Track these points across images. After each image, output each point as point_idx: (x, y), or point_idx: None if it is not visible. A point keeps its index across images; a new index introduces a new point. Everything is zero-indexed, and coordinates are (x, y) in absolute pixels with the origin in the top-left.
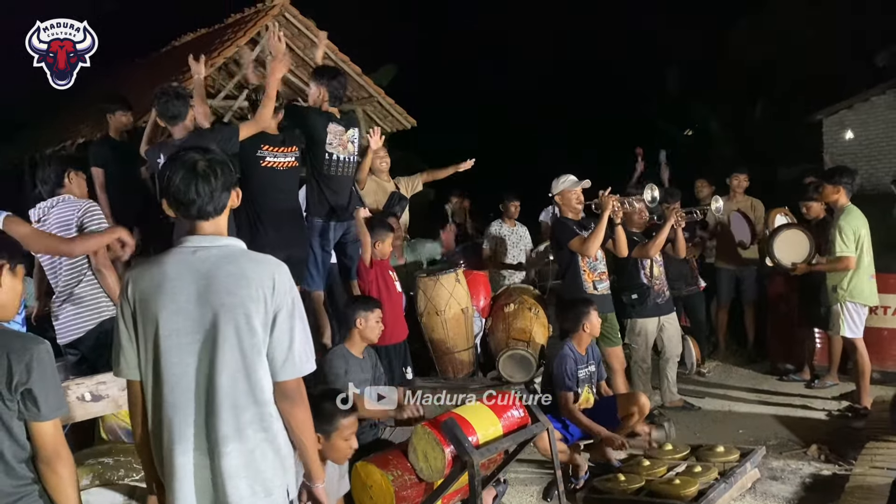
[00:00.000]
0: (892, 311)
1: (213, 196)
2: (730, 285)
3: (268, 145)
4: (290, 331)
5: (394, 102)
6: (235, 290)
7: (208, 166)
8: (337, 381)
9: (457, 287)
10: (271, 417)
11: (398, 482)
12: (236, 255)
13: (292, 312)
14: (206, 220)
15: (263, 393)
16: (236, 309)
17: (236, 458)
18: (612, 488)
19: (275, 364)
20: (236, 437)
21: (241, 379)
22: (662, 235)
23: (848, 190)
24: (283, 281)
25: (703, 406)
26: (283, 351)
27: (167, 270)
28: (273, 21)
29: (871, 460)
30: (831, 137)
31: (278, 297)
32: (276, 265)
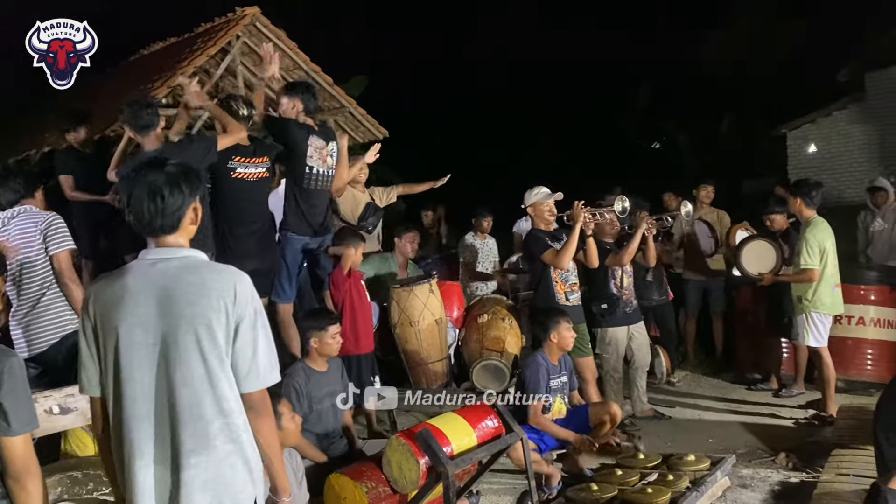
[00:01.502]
0: (855, 320)
1: (166, 212)
2: (697, 296)
3: (239, 156)
4: (253, 341)
5: (365, 113)
6: (196, 301)
7: (161, 184)
8: (291, 398)
9: (430, 298)
10: (239, 429)
11: (372, 494)
12: (197, 266)
13: (255, 322)
14: (163, 234)
15: (229, 403)
16: (197, 319)
17: (203, 472)
18: (584, 497)
19: (238, 375)
20: (203, 449)
21: (206, 390)
22: (635, 243)
23: (814, 202)
24: (244, 291)
25: (673, 415)
26: (247, 361)
27: (127, 284)
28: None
29: (837, 467)
30: (795, 151)
31: (240, 307)
32: (237, 275)
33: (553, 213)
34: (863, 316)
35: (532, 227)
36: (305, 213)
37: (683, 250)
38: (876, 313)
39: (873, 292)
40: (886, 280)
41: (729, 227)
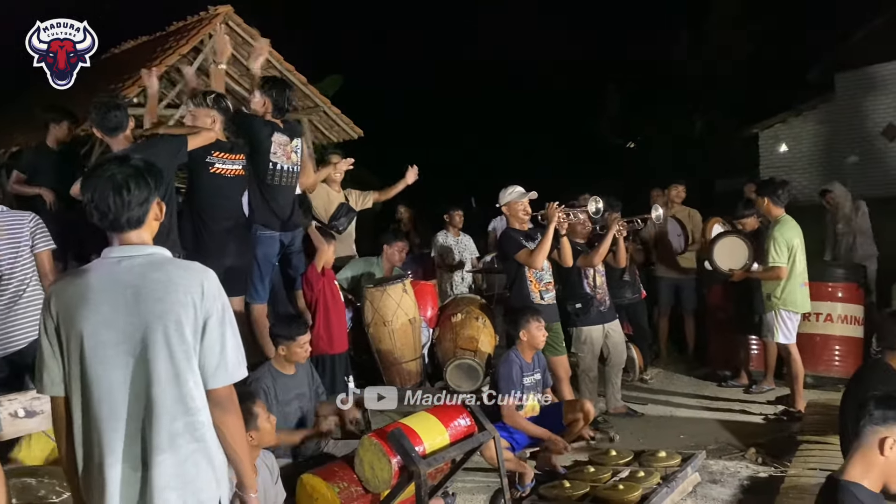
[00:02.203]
0: (823, 317)
1: (129, 208)
2: (670, 294)
3: (218, 151)
4: (221, 337)
5: (340, 112)
6: (164, 297)
7: (124, 179)
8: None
9: (404, 297)
10: (203, 426)
11: (344, 494)
12: (162, 263)
13: (223, 318)
14: (126, 231)
15: (194, 401)
16: (165, 316)
17: (169, 470)
18: (557, 495)
19: (206, 371)
20: (169, 447)
21: (172, 388)
22: (606, 244)
23: (781, 201)
24: (211, 287)
25: (645, 412)
26: (215, 357)
27: (91, 282)
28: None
29: (805, 461)
30: (767, 150)
31: (207, 303)
32: (203, 271)
33: (527, 212)
34: (830, 313)
35: (507, 226)
36: (272, 208)
37: (656, 249)
38: (843, 310)
39: (841, 289)
40: (853, 277)
41: (701, 225)
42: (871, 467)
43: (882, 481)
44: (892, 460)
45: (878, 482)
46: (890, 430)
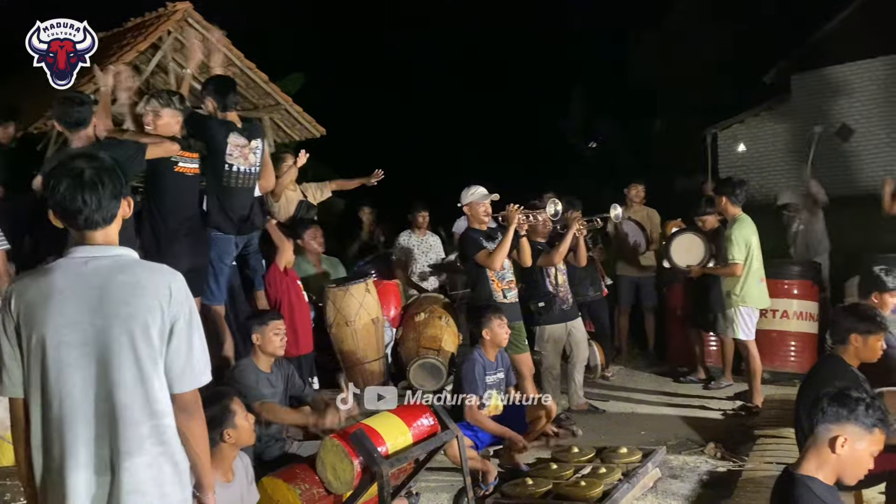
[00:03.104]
0: (779, 314)
1: (100, 205)
2: (630, 292)
3: (182, 150)
4: (188, 341)
5: (302, 111)
6: (130, 300)
7: (95, 174)
8: (249, 392)
9: (367, 297)
10: (168, 430)
11: (306, 496)
12: (130, 265)
13: (190, 322)
14: (94, 229)
15: (160, 404)
16: (132, 319)
17: (135, 474)
18: (520, 493)
19: (172, 375)
20: (135, 452)
21: (137, 391)
22: (566, 244)
23: (738, 200)
24: (179, 290)
25: (607, 409)
26: (182, 361)
27: (55, 282)
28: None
29: (761, 455)
30: (725, 150)
31: (175, 307)
32: (171, 274)
33: (488, 213)
34: (786, 309)
35: (467, 226)
36: (228, 211)
37: (616, 248)
38: (799, 307)
39: (796, 286)
40: (808, 275)
41: (659, 224)
42: (824, 462)
43: (835, 475)
44: (843, 457)
45: (831, 476)
46: (842, 428)
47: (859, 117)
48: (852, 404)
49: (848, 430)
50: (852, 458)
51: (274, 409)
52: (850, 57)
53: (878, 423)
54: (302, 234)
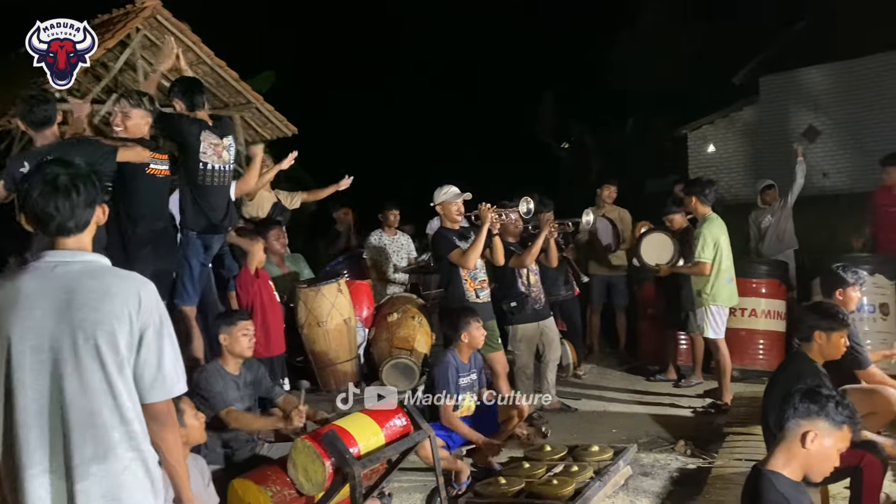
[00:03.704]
0: (748, 312)
1: (74, 212)
2: (602, 291)
3: (152, 151)
4: (158, 350)
5: (273, 109)
6: (98, 307)
7: (70, 181)
8: (214, 399)
9: (339, 297)
10: (140, 437)
11: (277, 498)
12: (100, 271)
13: (160, 331)
14: (66, 236)
15: (128, 411)
16: (99, 326)
17: (103, 481)
18: (492, 492)
19: (143, 385)
20: (102, 458)
21: (106, 398)
22: (537, 245)
23: (708, 200)
24: (149, 298)
25: (579, 407)
26: (152, 371)
27: (22, 286)
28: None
29: (730, 452)
30: (695, 151)
31: (144, 315)
32: (141, 282)
33: (461, 212)
34: (755, 308)
35: (440, 225)
36: (206, 210)
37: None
38: (767, 305)
39: (764, 285)
40: (775, 274)
41: (631, 224)
42: (792, 458)
43: (803, 471)
44: (812, 452)
45: (798, 472)
46: (812, 424)
47: (825, 119)
48: (823, 401)
49: (818, 425)
50: (820, 454)
51: (239, 418)
52: (816, 59)
53: (846, 421)
54: (266, 234)
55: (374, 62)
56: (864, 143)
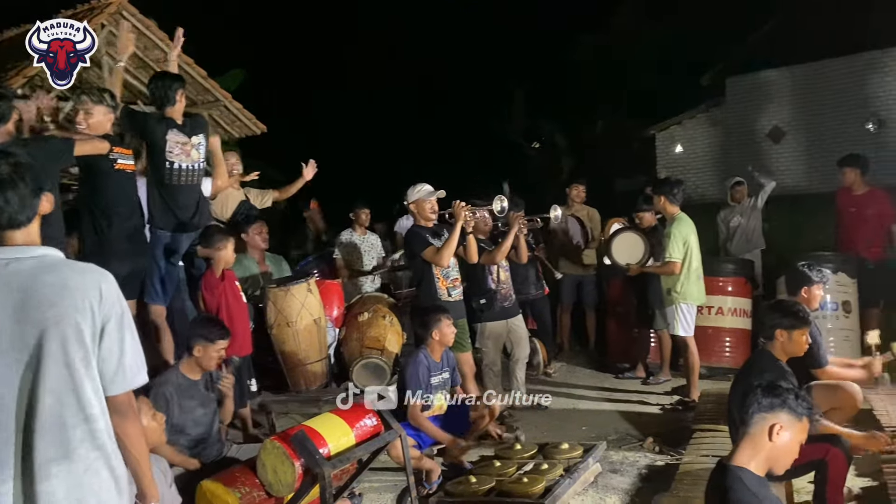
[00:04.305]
0: (715, 310)
1: (23, 203)
2: (572, 290)
3: (117, 147)
4: (120, 342)
5: (241, 107)
6: (58, 302)
7: (14, 171)
8: (160, 403)
9: (308, 297)
10: (103, 435)
11: (246, 499)
12: (56, 265)
13: (122, 323)
14: (16, 229)
15: (93, 408)
16: (61, 322)
17: (65, 482)
18: (463, 491)
19: (105, 378)
20: (65, 458)
21: (69, 396)
22: (508, 242)
23: (676, 199)
24: (110, 290)
25: (549, 405)
26: (114, 363)
27: None
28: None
29: (698, 449)
30: (663, 151)
31: (106, 307)
32: (101, 274)
33: (435, 210)
34: (721, 306)
35: (413, 223)
36: (174, 209)
37: (558, 247)
38: (733, 303)
39: (730, 284)
40: (742, 272)
41: (600, 223)
42: (757, 452)
43: (767, 465)
44: (778, 445)
45: (763, 466)
46: (777, 417)
47: (790, 120)
48: (783, 394)
49: (781, 418)
50: (784, 447)
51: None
52: (781, 62)
53: (806, 413)
54: (247, 229)
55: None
56: (827, 144)
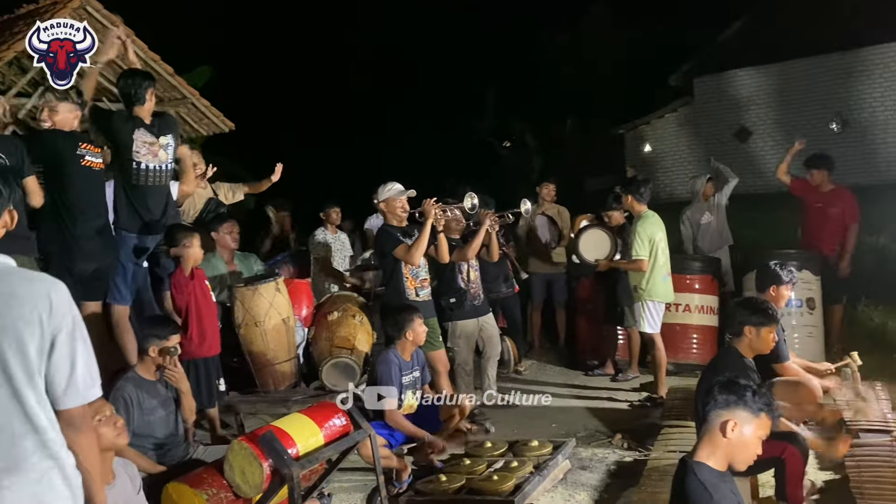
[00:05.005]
0: (682, 307)
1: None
2: (542, 288)
3: (85, 143)
4: (71, 354)
5: (209, 104)
6: (6, 312)
7: None
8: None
9: (277, 296)
10: (56, 444)
11: (213, 501)
12: (5, 274)
13: (73, 334)
14: None
15: (40, 420)
16: (5, 333)
17: (17, 493)
18: (433, 489)
19: (55, 391)
20: (15, 468)
21: (12, 408)
22: (479, 239)
23: (643, 198)
24: (60, 300)
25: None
26: (65, 377)
27: None
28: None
29: (665, 445)
30: (632, 151)
31: (56, 319)
32: (51, 283)
33: (405, 209)
34: (688, 303)
35: (384, 222)
36: (139, 210)
37: (528, 245)
38: (700, 301)
39: (697, 281)
40: (708, 270)
41: (570, 221)
42: (716, 448)
43: (726, 460)
44: (733, 441)
45: (723, 461)
46: (732, 414)
47: (756, 120)
48: (740, 391)
49: (737, 415)
50: (741, 442)
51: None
52: (748, 62)
53: (763, 408)
54: (217, 228)
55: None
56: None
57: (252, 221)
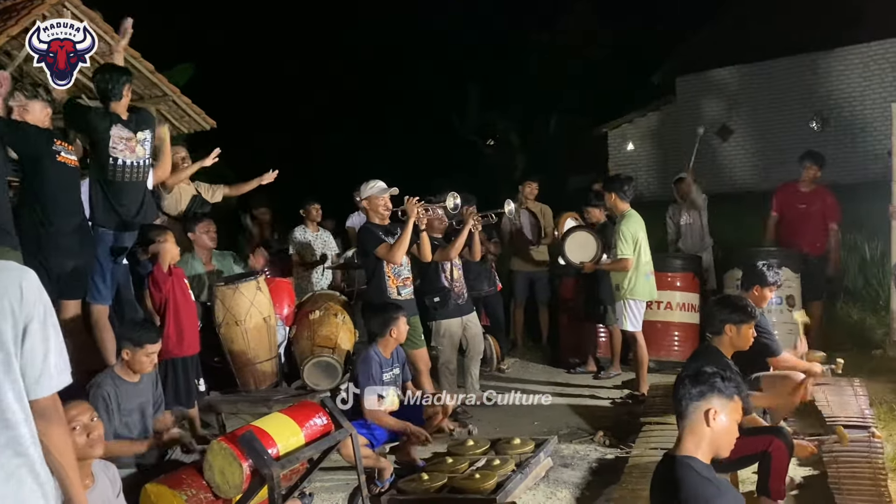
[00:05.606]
0: (664, 305)
1: None
2: (525, 286)
3: (59, 139)
4: (44, 342)
5: (190, 102)
6: None
7: None
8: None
9: (258, 295)
10: (27, 441)
11: (192, 501)
12: None
13: (45, 322)
14: None
15: (14, 414)
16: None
17: None
18: (415, 488)
19: (28, 380)
20: None
21: None
22: (462, 238)
23: (626, 196)
24: (31, 288)
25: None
26: (38, 365)
27: None
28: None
29: (647, 442)
30: (615, 149)
31: (27, 307)
32: (21, 271)
33: (388, 207)
34: (670, 301)
35: (366, 220)
36: (116, 207)
37: (511, 243)
38: (682, 298)
39: (679, 279)
40: (690, 268)
41: (552, 220)
42: (700, 439)
43: (711, 451)
44: (716, 429)
45: (707, 453)
46: (709, 402)
47: (737, 119)
48: (710, 379)
49: (713, 402)
50: (723, 429)
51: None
52: (730, 61)
53: (735, 392)
54: (194, 228)
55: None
56: (772, 142)
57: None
